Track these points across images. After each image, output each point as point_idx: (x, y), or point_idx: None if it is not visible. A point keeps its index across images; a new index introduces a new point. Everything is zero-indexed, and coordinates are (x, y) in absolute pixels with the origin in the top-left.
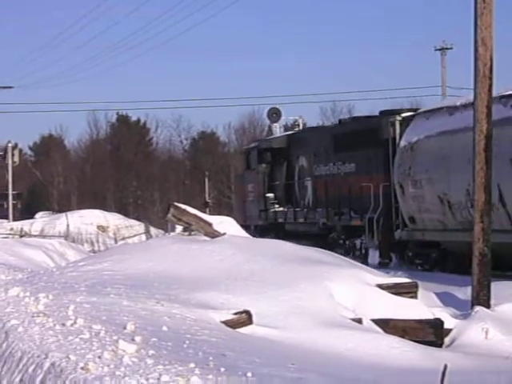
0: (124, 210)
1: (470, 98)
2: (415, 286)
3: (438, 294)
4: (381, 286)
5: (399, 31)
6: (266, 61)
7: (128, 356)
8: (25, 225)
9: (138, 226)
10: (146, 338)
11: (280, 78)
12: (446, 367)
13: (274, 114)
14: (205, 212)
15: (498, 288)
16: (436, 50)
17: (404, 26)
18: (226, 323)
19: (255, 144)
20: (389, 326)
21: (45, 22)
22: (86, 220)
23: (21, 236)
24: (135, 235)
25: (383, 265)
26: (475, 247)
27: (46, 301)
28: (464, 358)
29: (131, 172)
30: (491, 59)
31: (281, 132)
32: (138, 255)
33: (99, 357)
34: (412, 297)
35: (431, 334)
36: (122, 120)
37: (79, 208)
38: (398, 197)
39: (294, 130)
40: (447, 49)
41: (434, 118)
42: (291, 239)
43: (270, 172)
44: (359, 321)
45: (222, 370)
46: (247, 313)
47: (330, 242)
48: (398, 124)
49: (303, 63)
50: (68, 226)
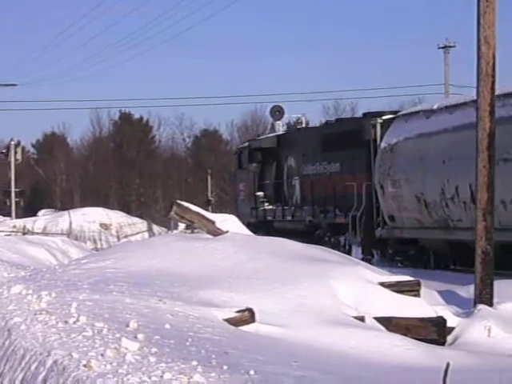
0: (127, 208)
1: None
2: (418, 284)
3: (441, 292)
4: (383, 284)
5: (403, 29)
6: (268, 59)
7: (131, 354)
8: (27, 222)
9: (140, 224)
10: (148, 336)
11: (283, 76)
12: (448, 365)
13: (277, 112)
14: (207, 210)
15: (501, 286)
16: (439, 48)
17: (407, 24)
18: (229, 321)
19: (246, 144)
20: (391, 324)
21: (46, 22)
22: (89, 218)
23: (23, 234)
24: (138, 233)
25: (365, 261)
26: (478, 245)
27: (49, 298)
28: (466, 356)
29: (134, 170)
30: (494, 57)
31: (283, 130)
32: (141, 253)
33: (102, 354)
34: (415, 295)
35: (434, 332)
36: (125, 118)
37: (82, 206)
38: (379, 196)
39: (284, 131)
40: (450, 47)
41: (411, 121)
42: (279, 236)
43: (260, 171)
44: (362, 319)
45: (225, 367)
46: (250, 311)
47: (315, 238)
48: (379, 126)
49: (306, 61)
50: (71, 223)
